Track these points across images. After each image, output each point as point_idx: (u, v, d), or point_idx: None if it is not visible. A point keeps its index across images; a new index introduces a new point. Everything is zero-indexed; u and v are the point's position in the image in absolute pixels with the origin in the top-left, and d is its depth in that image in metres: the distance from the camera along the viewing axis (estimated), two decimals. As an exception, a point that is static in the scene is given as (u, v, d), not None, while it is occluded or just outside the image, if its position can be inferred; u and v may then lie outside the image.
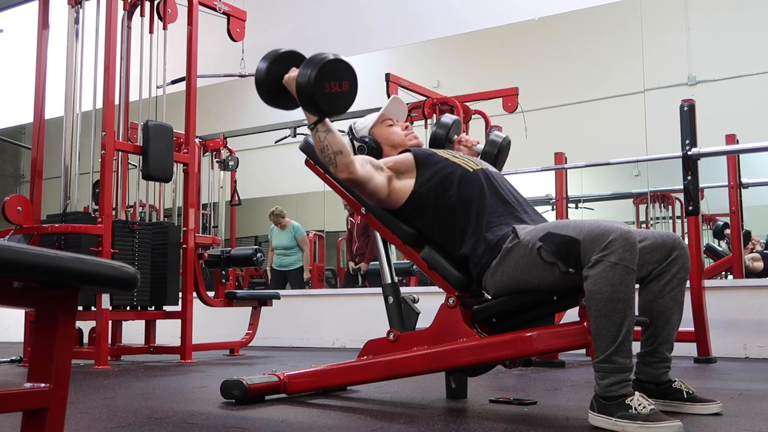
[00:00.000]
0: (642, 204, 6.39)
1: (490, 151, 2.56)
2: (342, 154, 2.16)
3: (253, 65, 2.28)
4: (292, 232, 7.41)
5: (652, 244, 2.01)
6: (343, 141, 2.20)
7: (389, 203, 2.30)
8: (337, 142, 2.16)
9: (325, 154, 2.17)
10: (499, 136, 2.60)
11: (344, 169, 2.17)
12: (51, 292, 1.05)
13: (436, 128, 2.61)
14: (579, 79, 6.63)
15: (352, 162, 2.17)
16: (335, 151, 2.16)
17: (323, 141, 2.16)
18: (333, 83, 2.10)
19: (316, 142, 2.18)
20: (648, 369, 2.06)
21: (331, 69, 2.10)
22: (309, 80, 2.07)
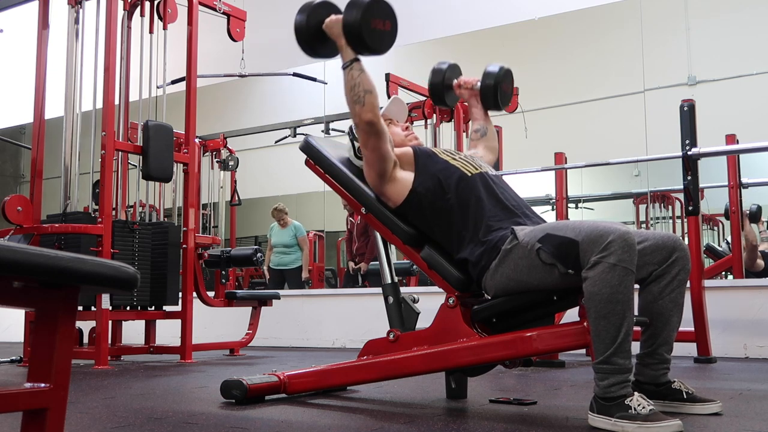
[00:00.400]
0: (642, 204, 6.38)
1: (488, 84, 2.51)
2: (371, 94, 2.20)
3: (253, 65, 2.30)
4: (293, 231, 7.41)
5: (652, 245, 2.01)
6: (374, 85, 2.23)
7: (388, 191, 2.29)
8: (369, 82, 2.21)
9: (354, 92, 2.20)
10: (495, 66, 2.54)
11: (370, 109, 2.19)
12: (51, 292, 1.05)
13: (431, 77, 2.57)
14: (579, 79, 6.63)
15: (378, 106, 2.21)
16: (366, 89, 2.20)
17: (356, 78, 2.20)
18: (378, 21, 2.18)
19: (348, 80, 2.21)
20: (647, 370, 2.06)
21: (376, 7, 2.19)
22: (356, 16, 2.15)
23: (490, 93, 2.51)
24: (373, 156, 2.26)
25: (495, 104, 2.55)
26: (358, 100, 2.20)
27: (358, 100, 2.20)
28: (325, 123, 7.20)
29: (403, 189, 2.27)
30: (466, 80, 2.59)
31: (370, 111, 2.19)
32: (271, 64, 7.35)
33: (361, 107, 2.19)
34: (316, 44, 2.30)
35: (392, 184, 2.28)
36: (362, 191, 2.37)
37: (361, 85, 2.20)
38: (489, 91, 2.51)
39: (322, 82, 7.18)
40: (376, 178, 2.30)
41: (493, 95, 2.52)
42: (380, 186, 2.31)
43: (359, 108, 2.20)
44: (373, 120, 2.20)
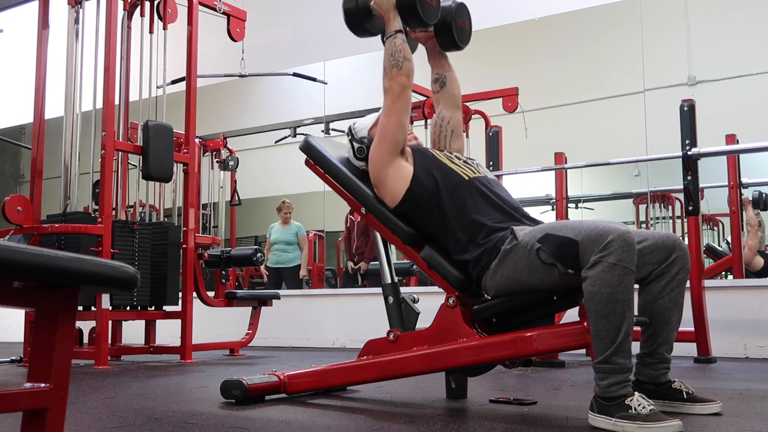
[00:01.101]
0: (642, 204, 6.38)
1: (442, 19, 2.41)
2: (410, 62, 2.29)
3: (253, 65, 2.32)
4: (295, 229, 7.42)
5: (652, 244, 2.01)
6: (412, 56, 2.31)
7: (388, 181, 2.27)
8: (409, 52, 2.30)
9: (394, 58, 2.27)
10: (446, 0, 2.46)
11: (407, 73, 2.28)
12: (51, 292, 1.05)
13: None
14: (579, 79, 6.63)
15: (413, 73, 2.30)
16: (406, 57, 2.29)
17: (398, 45, 2.29)
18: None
19: (390, 47, 2.29)
20: (647, 370, 2.06)
21: None
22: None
23: (446, 31, 2.44)
24: (392, 122, 2.28)
25: (453, 43, 2.48)
26: (396, 64, 2.27)
27: (396, 63, 2.27)
28: (325, 123, 7.20)
29: (402, 181, 2.26)
30: None
31: (406, 75, 2.28)
32: (271, 64, 7.35)
33: (398, 71, 2.27)
34: (364, 21, 2.41)
35: (393, 170, 2.27)
36: (362, 191, 2.37)
37: (401, 52, 2.28)
38: (445, 29, 2.44)
39: (322, 82, 7.18)
40: (385, 153, 2.28)
41: (449, 33, 2.44)
42: (384, 168, 2.28)
43: (396, 71, 2.27)
44: (407, 85, 2.28)
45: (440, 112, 2.53)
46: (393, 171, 2.27)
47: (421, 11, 2.31)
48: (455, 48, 2.51)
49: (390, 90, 2.28)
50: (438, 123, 2.52)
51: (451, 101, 2.52)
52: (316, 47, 7.20)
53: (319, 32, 6.97)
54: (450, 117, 2.51)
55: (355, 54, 6.74)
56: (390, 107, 2.29)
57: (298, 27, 7.29)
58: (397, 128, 2.27)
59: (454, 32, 2.45)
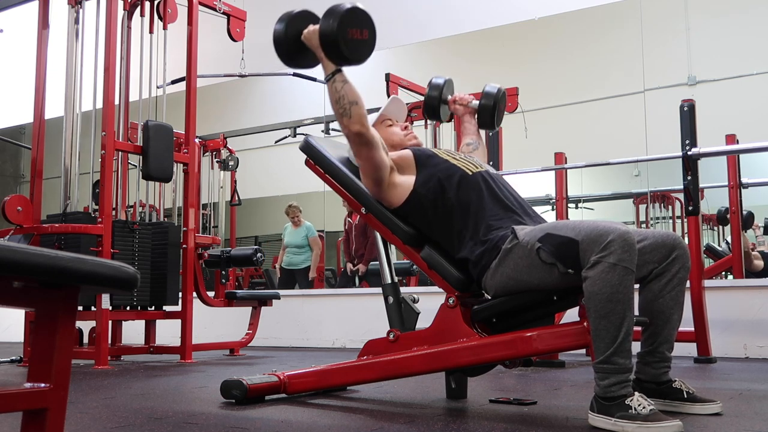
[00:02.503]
0: (642, 204, 6.38)
1: (486, 104, 2.53)
2: (357, 105, 2.17)
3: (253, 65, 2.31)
4: (305, 231, 7.44)
5: (652, 243, 2.02)
6: (359, 94, 2.19)
7: (387, 196, 2.28)
8: (353, 93, 2.18)
9: (340, 105, 2.18)
10: (493, 87, 2.57)
11: (358, 120, 2.17)
12: (51, 292, 1.05)
13: (429, 91, 2.58)
14: (579, 79, 6.63)
15: (365, 115, 2.18)
16: (351, 101, 2.17)
17: (340, 91, 2.18)
18: (355, 30, 2.15)
19: (332, 92, 2.19)
20: (648, 369, 2.06)
21: (353, 16, 2.15)
22: (333, 27, 2.12)
23: (487, 113, 2.53)
24: (367, 165, 2.25)
25: (491, 124, 2.57)
26: (344, 113, 2.17)
27: (344, 112, 2.17)
28: (325, 123, 7.20)
29: (403, 191, 2.27)
30: (462, 97, 2.60)
31: (358, 122, 2.17)
32: (271, 64, 7.29)
33: (348, 119, 2.17)
34: (296, 55, 2.28)
35: (391, 190, 2.27)
36: (362, 191, 2.37)
37: (345, 97, 2.17)
38: (487, 111, 2.53)
39: (322, 82, 7.14)
40: (372, 186, 2.29)
41: (490, 115, 2.53)
42: (378, 193, 2.30)
43: (347, 120, 2.18)
44: (362, 131, 2.18)
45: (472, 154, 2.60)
46: (389, 191, 2.28)
47: (346, 50, 2.14)
48: (491, 128, 2.61)
49: (349, 138, 2.23)
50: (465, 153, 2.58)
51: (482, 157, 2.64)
52: (315, 47, 7.17)
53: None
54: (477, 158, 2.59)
55: (355, 54, 6.72)
56: (357, 153, 2.25)
57: (298, 27, 7.27)
58: (374, 168, 2.24)
59: (495, 116, 2.53)
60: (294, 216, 7.41)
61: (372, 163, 2.23)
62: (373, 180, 2.27)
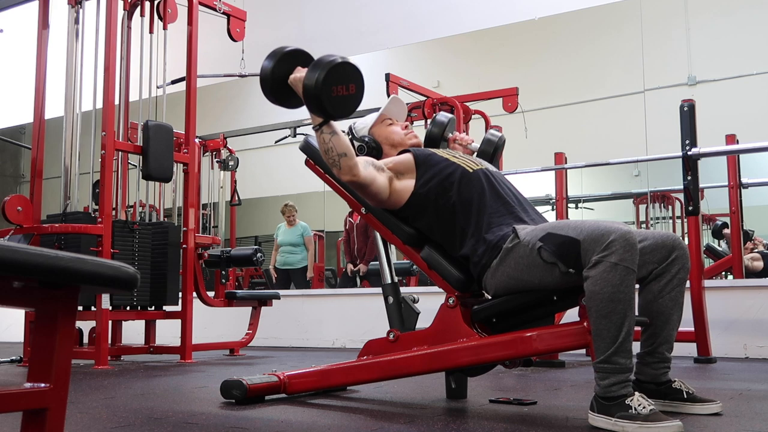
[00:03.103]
0: (642, 204, 6.38)
1: (486, 150, 2.57)
2: (346, 156, 2.15)
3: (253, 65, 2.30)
4: (301, 230, 7.43)
5: (652, 244, 2.02)
6: (348, 143, 2.19)
7: (390, 204, 2.30)
8: (341, 144, 2.15)
9: (329, 156, 2.17)
10: (495, 135, 2.60)
11: (347, 171, 2.17)
12: (51, 292, 1.05)
13: (431, 126, 2.60)
14: (579, 79, 6.63)
15: (355, 164, 2.17)
16: (339, 153, 2.15)
17: (328, 143, 2.16)
18: (340, 86, 2.08)
19: (321, 143, 2.17)
20: (648, 369, 2.06)
21: (339, 72, 2.08)
22: (317, 83, 2.05)
23: (486, 158, 2.54)
24: (366, 197, 2.29)
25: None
26: (334, 164, 2.17)
27: (334, 164, 2.17)
28: (325, 123, 7.19)
29: (404, 195, 2.28)
30: (463, 138, 2.60)
31: (348, 173, 2.16)
32: (271, 64, 7.33)
33: (338, 170, 2.18)
34: (283, 97, 2.22)
35: (393, 197, 2.29)
36: (362, 191, 2.37)
37: (334, 150, 2.15)
38: (486, 156, 2.55)
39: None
40: (374, 203, 2.33)
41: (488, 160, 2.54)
42: (380, 206, 2.33)
43: (337, 171, 2.18)
44: (353, 180, 2.18)
45: None
46: (391, 198, 2.29)
47: (329, 107, 2.09)
48: None
49: (348, 183, 2.24)
50: None
51: None
52: (316, 47, 7.15)
53: (319, 32, 6.97)
54: None
55: (354, 54, 6.73)
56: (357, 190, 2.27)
57: (298, 27, 7.28)
58: (373, 197, 2.27)
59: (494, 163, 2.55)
60: (290, 215, 7.41)
61: (370, 194, 2.26)
62: (374, 202, 2.31)
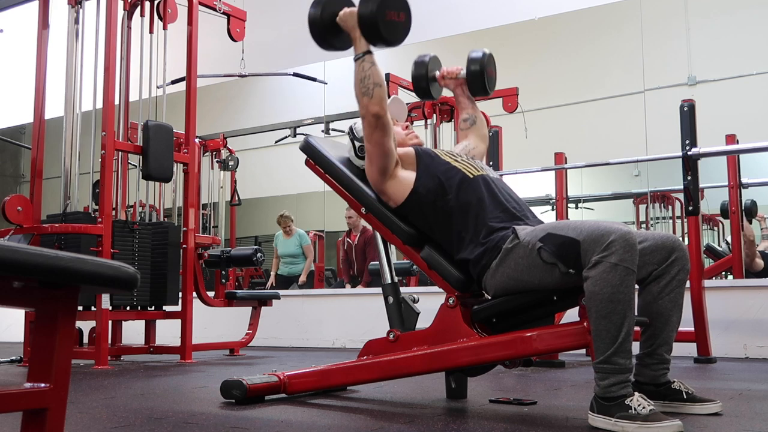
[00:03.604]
0: (642, 204, 6.38)
1: (474, 70, 2.49)
2: (381, 87, 2.20)
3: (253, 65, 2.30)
4: (298, 240, 7.43)
5: (651, 245, 2.02)
6: (384, 78, 2.23)
7: (389, 190, 2.28)
8: (379, 76, 2.21)
9: (363, 84, 2.20)
10: (477, 51, 2.52)
11: (378, 102, 2.19)
12: (51, 292, 1.05)
13: (414, 70, 2.55)
14: (579, 79, 6.63)
15: (386, 99, 2.21)
16: (376, 82, 2.20)
17: (366, 71, 2.20)
18: (392, 12, 2.21)
19: (358, 71, 2.21)
20: (647, 371, 2.06)
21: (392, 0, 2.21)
22: (372, 8, 2.17)
23: (477, 79, 2.49)
24: (376, 150, 2.25)
25: (483, 90, 2.52)
26: (366, 92, 2.20)
27: (366, 92, 2.20)
28: (325, 123, 7.20)
29: (404, 188, 2.27)
30: (450, 70, 2.57)
31: (378, 104, 2.19)
32: (271, 64, 7.34)
33: (369, 99, 2.20)
34: (330, 37, 2.32)
35: (393, 182, 2.28)
36: (362, 191, 2.37)
37: (371, 78, 2.20)
38: (476, 78, 2.49)
39: (322, 82, 7.17)
40: (377, 174, 2.29)
41: (480, 81, 2.49)
42: (381, 183, 2.29)
43: (367, 100, 2.20)
44: (380, 113, 2.20)
45: (469, 141, 2.60)
46: (391, 182, 2.28)
47: (384, 31, 2.20)
48: (484, 95, 2.57)
49: (365, 119, 2.24)
50: (464, 145, 2.58)
51: (481, 138, 2.63)
52: (316, 47, 7.15)
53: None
54: (475, 146, 2.59)
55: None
56: (369, 136, 2.25)
57: (298, 27, 7.23)
58: (382, 155, 2.25)
59: (486, 81, 2.50)
60: (286, 226, 7.41)
61: (382, 149, 2.24)
62: (378, 168, 2.27)
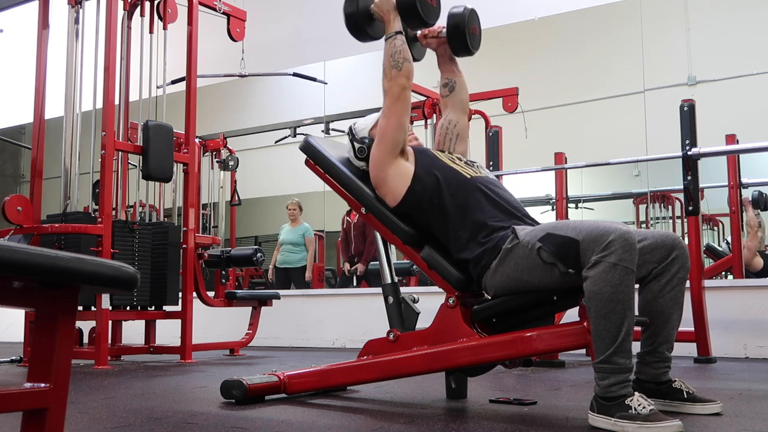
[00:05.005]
0: (642, 204, 6.39)
1: (454, 26, 2.45)
2: (410, 62, 2.30)
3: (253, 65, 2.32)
4: (303, 230, 7.44)
5: (651, 243, 2.02)
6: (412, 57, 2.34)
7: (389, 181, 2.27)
8: (408, 53, 2.31)
9: (394, 59, 2.28)
10: (459, 6, 2.48)
11: (406, 74, 2.28)
12: (51, 292, 1.05)
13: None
14: (579, 79, 6.63)
15: (413, 74, 2.31)
16: (406, 57, 2.30)
17: (398, 47, 2.30)
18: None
19: (390, 47, 2.30)
20: (648, 369, 2.06)
21: None
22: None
23: (459, 36, 2.44)
24: (392, 123, 2.27)
25: (465, 48, 2.47)
26: (396, 65, 2.28)
27: (396, 65, 2.28)
28: (325, 123, 7.20)
29: (402, 182, 2.26)
30: (431, 29, 2.50)
31: (406, 76, 2.28)
32: (271, 64, 7.35)
33: (398, 72, 2.27)
34: (365, 27, 2.43)
35: (394, 171, 2.26)
36: (362, 191, 2.37)
37: (402, 53, 2.29)
38: (458, 34, 2.44)
39: (322, 82, 7.18)
40: (384, 154, 2.27)
41: (462, 38, 2.45)
42: (384, 168, 2.27)
43: (395, 72, 2.28)
44: (406, 85, 2.29)
45: (447, 116, 2.54)
46: (393, 170, 2.27)
47: (422, 11, 2.33)
48: (467, 53, 2.51)
49: (389, 91, 2.29)
50: (444, 126, 2.53)
51: (459, 106, 2.54)
52: (316, 47, 7.20)
53: (319, 32, 6.97)
54: (457, 121, 2.53)
55: (355, 54, 6.72)
56: (389, 108, 2.29)
57: (298, 27, 7.28)
58: (396, 129, 2.27)
59: (467, 38, 2.46)
60: (291, 209, 7.41)
61: (398, 121, 2.29)
62: (390, 144, 2.28)
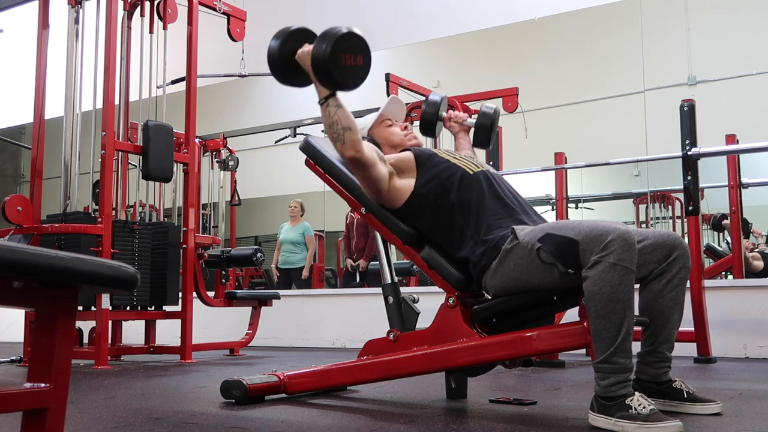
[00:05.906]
0: (642, 204, 6.39)
1: (483, 123, 2.54)
2: (351, 131, 2.14)
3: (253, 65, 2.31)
4: (303, 229, 7.44)
5: (652, 243, 2.02)
6: (353, 118, 2.18)
7: (388, 200, 2.30)
8: (347, 118, 2.15)
9: (333, 130, 2.15)
10: (489, 107, 2.59)
11: (351, 146, 2.14)
12: (51, 292, 1.05)
13: (425, 108, 2.59)
14: (579, 79, 6.63)
15: (359, 140, 2.16)
16: (344, 126, 2.14)
17: (333, 116, 2.15)
18: (348, 56, 2.10)
19: (326, 117, 2.16)
20: (648, 368, 2.06)
21: (347, 41, 2.10)
22: (325, 52, 2.07)
23: (484, 132, 2.55)
24: (365, 183, 2.27)
25: (486, 143, 2.58)
26: (338, 139, 2.15)
27: (338, 138, 2.15)
28: (325, 123, 7.18)
29: (403, 194, 2.28)
30: (457, 114, 2.63)
31: (351, 148, 2.14)
32: (271, 64, 7.33)
33: (342, 145, 2.15)
34: (290, 74, 2.23)
35: (391, 195, 2.29)
36: (362, 191, 2.37)
37: (339, 123, 2.14)
38: (484, 131, 2.55)
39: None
40: (372, 195, 2.31)
41: (486, 135, 2.54)
42: (378, 199, 2.32)
43: (340, 146, 2.15)
44: (356, 156, 2.16)
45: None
46: (390, 194, 2.29)
47: (338, 76, 2.11)
48: (484, 147, 2.62)
49: (346, 161, 2.23)
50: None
51: None
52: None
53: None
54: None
55: (355, 54, 6.73)
56: (354, 174, 2.27)
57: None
58: (373, 184, 2.25)
59: (492, 136, 2.54)
60: (294, 207, 7.41)
61: (370, 181, 2.24)
62: (372, 192, 2.29)
